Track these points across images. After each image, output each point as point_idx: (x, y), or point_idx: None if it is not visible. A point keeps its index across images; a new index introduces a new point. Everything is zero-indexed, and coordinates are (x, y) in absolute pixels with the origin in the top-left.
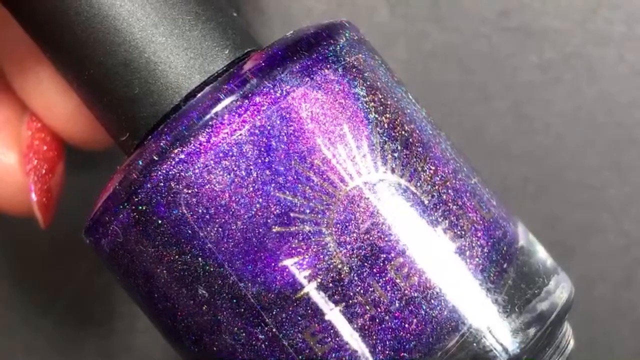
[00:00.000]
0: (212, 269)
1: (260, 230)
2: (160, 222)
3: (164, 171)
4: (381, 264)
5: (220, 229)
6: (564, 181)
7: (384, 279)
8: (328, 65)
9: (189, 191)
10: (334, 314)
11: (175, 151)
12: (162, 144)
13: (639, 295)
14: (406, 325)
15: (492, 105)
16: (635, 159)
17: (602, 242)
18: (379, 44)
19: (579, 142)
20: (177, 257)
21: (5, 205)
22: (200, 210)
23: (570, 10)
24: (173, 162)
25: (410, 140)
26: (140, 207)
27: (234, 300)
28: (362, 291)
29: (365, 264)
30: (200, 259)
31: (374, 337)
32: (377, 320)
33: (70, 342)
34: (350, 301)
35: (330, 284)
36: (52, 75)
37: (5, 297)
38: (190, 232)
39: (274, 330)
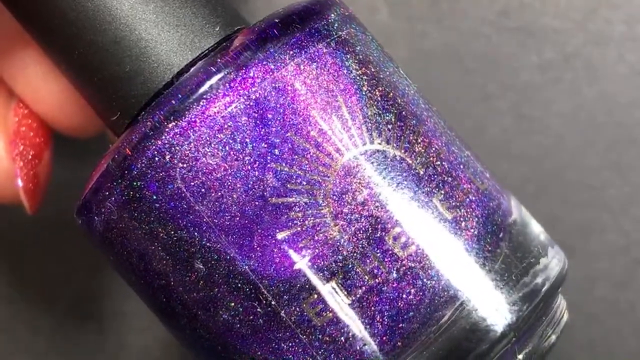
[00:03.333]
0: (208, 244)
1: (257, 202)
2: (155, 197)
3: (159, 146)
4: (378, 235)
5: (217, 203)
6: (564, 181)
7: (381, 249)
8: (320, 39)
9: (184, 165)
10: (332, 286)
11: (170, 125)
12: (155, 118)
13: (639, 295)
14: (404, 296)
15: (492, 105)
16: (635, 159)
17: (602, 242)
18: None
19: (579, 142)
20: (172, 232)
21: None
22: (196, 184)
23: (570, 10)
24: (167, 137)
25: (404, 113)
26: (135, 183)
27: (231, 275)
28: (360, 262)
29: (363, 234)
30: (196, 233)
31: (373, 307)
32: (376, 290)
33: (70, 342)
34: (349, 272)
35: (328, 255)
36: (39, 61)
37: (5, 297)
38: (186, 206)
39: (272, 303)
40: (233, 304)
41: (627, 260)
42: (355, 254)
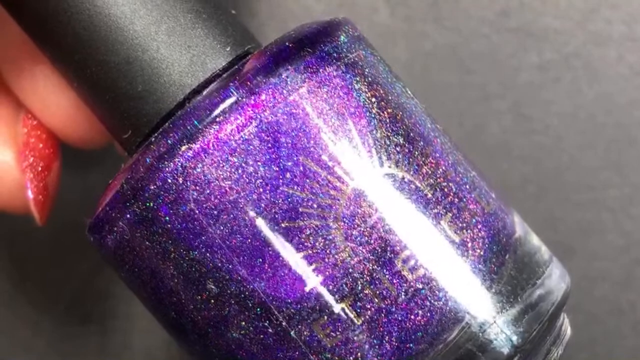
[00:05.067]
0: (220, 265)
1: (269, 225)
2: (168, 218)
3: (172, 168)
4: (388, 257)
5: (229, 225)
6: (564, 181)
7: (391, 272)
8: (330, 63)
9: (197, 188)
10: (342, 307)
11: (183, 148)
12: (169, 141)
13: (639, 295)
14: (412, 317)
15: (492, 105)
16: (635, 159)
17: (602, 242)
18: (379, 44)
19: (579, 142)
20: (185, 253)
21: (1, 202)
22: (208, 207)
23: (570, 10)
24: (181, 160)
25: (412, 134)
26: (148, 204)
27: (243, 295)
28: (369, 284)
29: (373, 257)
30: (208, 254)
31: (382, 328)
32: (384, 312)
33: (70, 342)
34: (359, 294)
35: (339, 278)
36: (48, 74)
37: (5, 297)
38: (198, 228)
39: (283, 324)
40: (244, 323)
41: (627, 260)
42: (365, 276)
